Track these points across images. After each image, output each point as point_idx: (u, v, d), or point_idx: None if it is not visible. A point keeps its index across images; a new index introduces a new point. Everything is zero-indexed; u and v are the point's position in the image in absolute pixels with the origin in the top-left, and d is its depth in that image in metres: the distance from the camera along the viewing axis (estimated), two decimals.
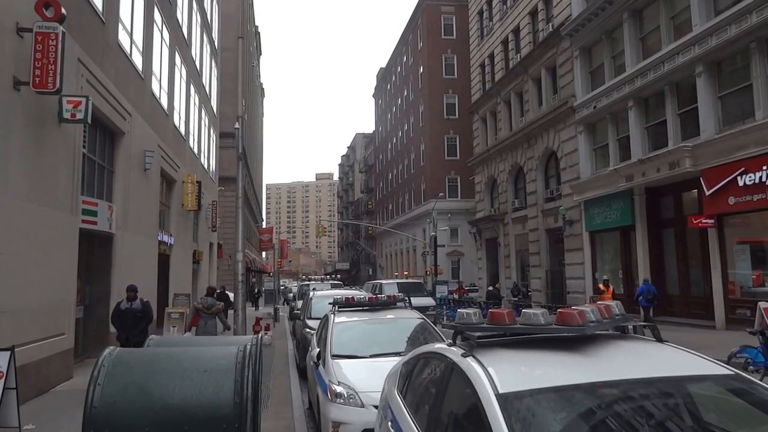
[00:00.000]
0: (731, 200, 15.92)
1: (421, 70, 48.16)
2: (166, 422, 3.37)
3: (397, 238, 53.02)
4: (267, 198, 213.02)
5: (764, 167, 14.77)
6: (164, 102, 17.70)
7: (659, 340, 3.28)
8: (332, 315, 8.23)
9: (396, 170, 57.76)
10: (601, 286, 17.85)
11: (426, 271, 40.38)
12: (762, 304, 11.92)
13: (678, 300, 18.82)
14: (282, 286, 50.31)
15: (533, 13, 28.90)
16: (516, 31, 30.86)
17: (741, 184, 15.51)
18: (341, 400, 6.14)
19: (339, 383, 6.35)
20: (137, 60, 14.58)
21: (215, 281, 29.39)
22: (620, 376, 2.77)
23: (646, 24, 20.52)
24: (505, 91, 31.53)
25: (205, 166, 26.84)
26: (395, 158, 58.17)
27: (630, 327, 3.55)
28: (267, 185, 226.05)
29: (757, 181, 15.00)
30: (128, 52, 13.73)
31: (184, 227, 21.27)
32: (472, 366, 2.98)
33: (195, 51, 23.67)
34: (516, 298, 26.09)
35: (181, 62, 20.43)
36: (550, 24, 26.60)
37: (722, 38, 16.31)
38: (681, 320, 17.83)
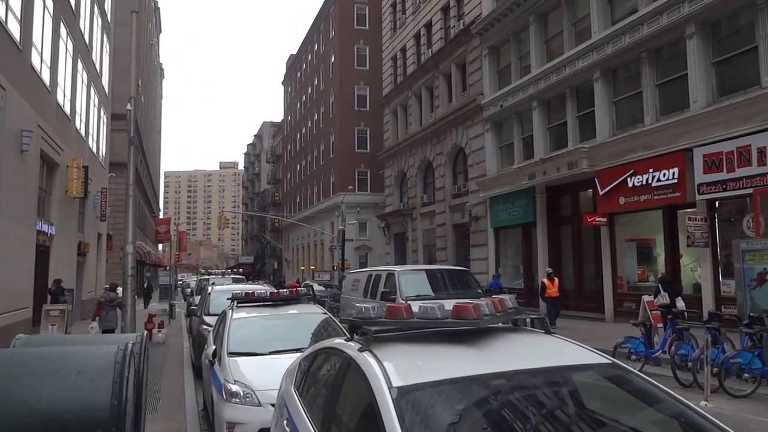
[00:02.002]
0: (622, 200, 16.88)
1: (333, 59, 47.68)
2: (32, 430, 2.97)
3: (304, 231, 52.35)
4: (165, 187, 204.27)
5: (650, 170, 15.76)
6: (46, 78, 16.22)
7: (548, 332, 3.43)
8: (230, 311, 7.90)
9: (305, 161, 56.98)
10: (545, 280, 17.12)
11: (333, 266, 40.16)
12: (645, 298, 12.73)
13: (573, 294, 19.79)
14: (179, 280, 48.42)
15: (445, 9, 29.31)
16: (428, 26, 31.19)
17: (630, 185, 16.48)
18: (237, 400, 5.89)
19: (235, 382, 6.09)
20: (14, 29, 13.19)
21: (103, 275, 27.56)
22: (511, 367, 2.90)
23: (550, 28, 21.34)
24: (417, 85, 31.84)
25: (94, 149, 24.92)
26: (304, 149, 57.36)
27: (528, 320, 3.72)
28: (166, 173, 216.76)
29: (644, 182, 15.99)
30: (2, 19, 12.39)
31: (68, 216, 19.65)
32: (367, 360, 2.99)
33: (84, 24, 21.88)
34: None
35: (68, 35, 18.78)
36: (461, 21, 27.08)
37: (617, 47, 17.23)
38: (576, 313, 18.74)
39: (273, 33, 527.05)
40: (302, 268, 54.01)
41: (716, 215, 14.61)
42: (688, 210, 14.94)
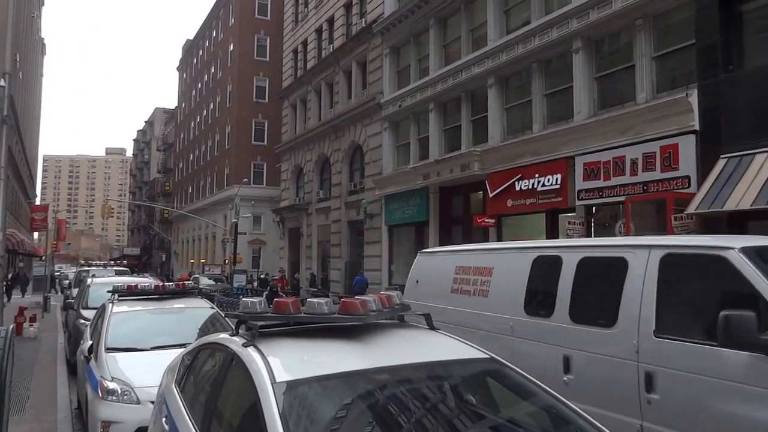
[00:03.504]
0: (509, 203, 17.75)
1: (232, 48, 46.25)
2: None
3: (195, 223, 50.38)
4: (44, 171, 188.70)
5: (536, 175, 16.69)
6: None
7: (432, 328, 3.54)
8: (110, 304, 7.48)
9: (198, 151, 54.84)
10: None
11: (225, 260, 39.05)
12: None
13: None
14: (57, 272, 45.38)
15: (348, 6, 29.34)
16: (330, 21, 31.08)
17: (518, 188, 17.35)
18: (114, 398, 5.63)
19: (113, 379, 5.82)
20: None
21: None
22: (395, 361, 2.98)
23: (449, 33, 21.99)
24: (317, 80, 31.62)
25: None
26: (198, 138, 55.19)
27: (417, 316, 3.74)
28: (45, 156, 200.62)
29: (530, 187, 16.90)
30: None
31: None
32: (251, 355, 2.97)
33: None
34: (315, 289, 26.37)
35: None
36: (364, 19, 27.23)
37: (511, 55, 18.08)
38: None
39: (169, 16, 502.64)
40: (192, 261, 52.03)
41: (593, 220, 15.73)
42: (569, 214, 15.95)
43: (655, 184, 13.43)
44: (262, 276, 29.44)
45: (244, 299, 3.57)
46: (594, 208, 15.57)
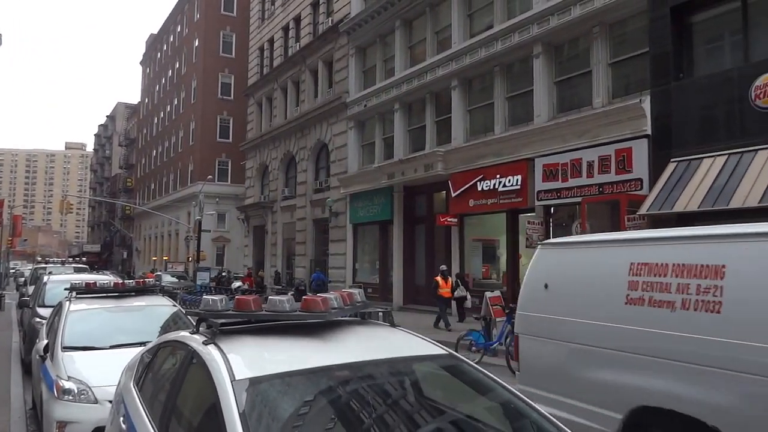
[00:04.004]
0: (471, 203, 18.06)
1: (197, 43, 45.60)
2: None
3: (158, 220, 49.54)
4: None
5: (498, 176, 17.04)
6: None
7: (392, 325, 3.57)
8: (67, 302, 7.36)
9: (162, 147, 53.89)
10: (438, 278, 16.45)
11: (188, 257, 38.54)
12: (488, 294, 13.74)
13: (425, 289, 20.78)
14: (12, 269, 44.15)
15: (315, 5, 29.29)
16: (297, 20, 30.98)
17: (480, 189, 17.68)
18: (70, 397, 5.53)
19: (69, 378, 5.72)
20: None
21: None
22: (355, 358, 2.99)
23: (414, 34, 22.21)
24: (283, 78, 31.49)
25: None
26: (162, 134, 54.23)
27: (379, 314, 3.75)
28: (0, 150, 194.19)
29: (492, 187, 17.24)
30: None
31: None
32: (211, 353, 2.95)
33: None
34: (279, 287, 26.32)
35: None
36: (330, 19, 27.24)
37: (474, 59, 18.40)
38: (426, 307, 19.68)
39: (132, 10, 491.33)
40: (154, 258, 51.14)
41: (551, 220, 16.15)
42: (528, 214, 16.35)
43: (610, 186, 13.90)
44: (223, 274, 29.22)
45: (205, 297, 3.52)
46: (552, 208, 16.00)
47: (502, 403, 3.03)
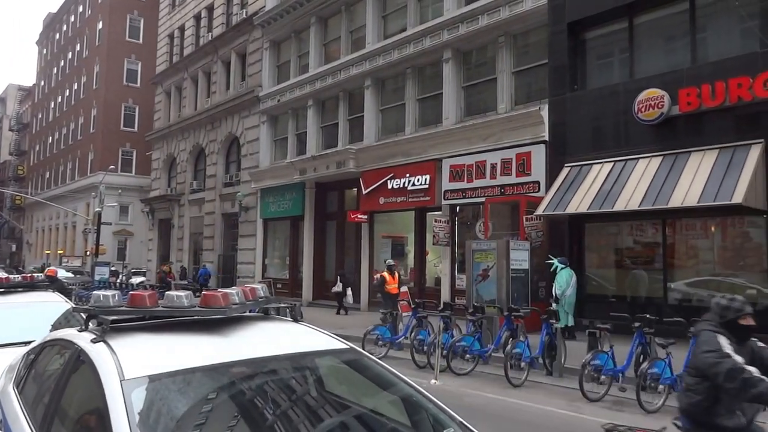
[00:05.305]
0: (382, 200, 18.40)
1: (101, 26, 43.14)
2: None
3: (53, 211, 46.44)
4: None
5: (407, 175, 17.47)
6: None
7: (295, 320, 3.51)
8: None
9: (59, 134, 50.54)
10: (385, 273, 14.71)
11: (86, 251, 36.50)
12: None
13: (332, 285, 20.92)
14: None
15: None
16: (210, 9, 30.09)
17: (390, 187, 18.04)
18: None
19: None
20: None
21: None
22: (255, 354, 2.92)
23: (329, 32, 22.25)
24: (194, 68, 30.51)
25: None
26: (59, 119, 50.85)
27: (285, 309, 3.65)
28: None
29: (401, 186, 17.65)
30: None
31: None
32: (99, 352, 2.79)
33: None
34: (185, 282, 25.55)
35: None
36: (245, 10, 26.69)
37: (387, 60, 18.73)
38: (334, 303, 19.84)
39: None
40: (48, 252, 47.94)
41: (457, 219, 16.79)
42: (435, 213, 16.90)
43: (511, 188, 14.68)
44: (113, 268, 27.99)
45: (95, 292, 3.32)
46: (458, 207, 16.63)
47: (403, 396, 3.06)
